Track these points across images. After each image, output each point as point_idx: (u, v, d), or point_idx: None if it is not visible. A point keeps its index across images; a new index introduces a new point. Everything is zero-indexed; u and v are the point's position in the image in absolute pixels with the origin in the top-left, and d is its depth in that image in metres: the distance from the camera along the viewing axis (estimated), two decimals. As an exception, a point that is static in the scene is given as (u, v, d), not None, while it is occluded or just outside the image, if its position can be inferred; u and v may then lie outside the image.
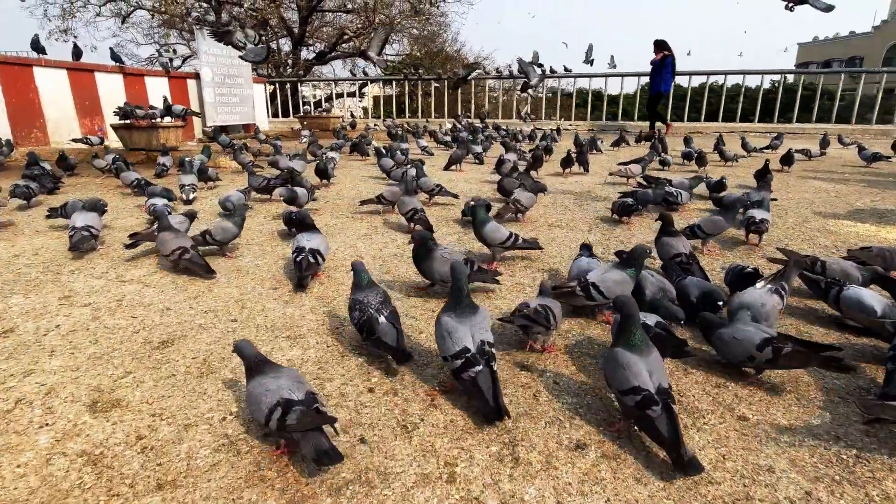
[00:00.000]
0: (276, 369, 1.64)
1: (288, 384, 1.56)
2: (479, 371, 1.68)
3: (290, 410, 1.47)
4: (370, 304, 2.06)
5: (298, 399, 1.51)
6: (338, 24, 24.26)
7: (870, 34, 31.19)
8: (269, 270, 3.09)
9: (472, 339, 1.74)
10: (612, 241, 3.70)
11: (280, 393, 1.52)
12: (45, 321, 2.42)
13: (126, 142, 7.92)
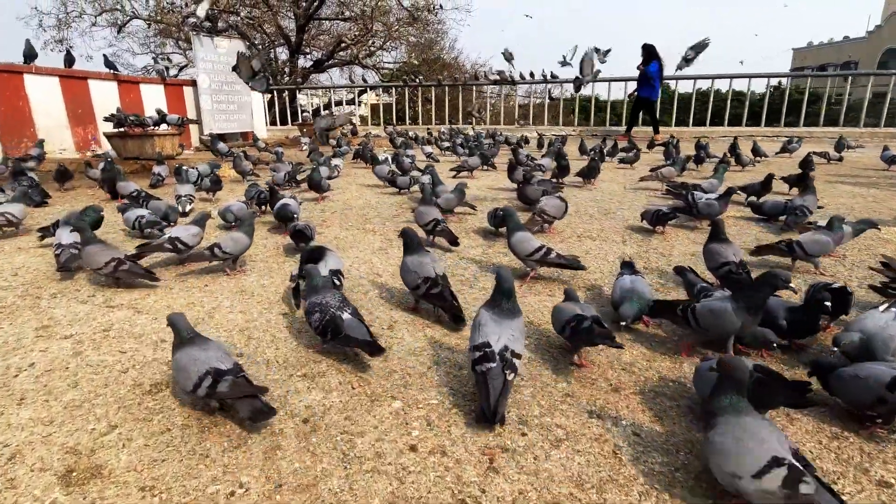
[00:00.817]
0: (205, 342, 1.73)
1: (216, 355, 1.67)
2: (491, 368, 1.64)
3: (221, 379, 1.60)
4: (330, 304, 2.01)
5: (227, 368, 1.63)
6: (335, 32, 23.98)
7: (864, 39, 31.28)
8: (276, 292, 2.73)
9: (497, 339, 1.72)
10: (651, 253, 3.36)
11: (209, 363, 1.62)
12: (17, 358, 2.04)
13: (120, 150, 7.55)
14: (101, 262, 2.71)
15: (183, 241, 3.06)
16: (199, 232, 3.14)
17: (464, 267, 3.11)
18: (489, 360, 1.66)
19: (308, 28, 22.67)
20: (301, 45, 22.95)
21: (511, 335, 1.74)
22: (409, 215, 4.42)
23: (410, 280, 2.41)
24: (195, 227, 3.15)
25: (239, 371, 1.66)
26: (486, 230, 3.91)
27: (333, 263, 2.64)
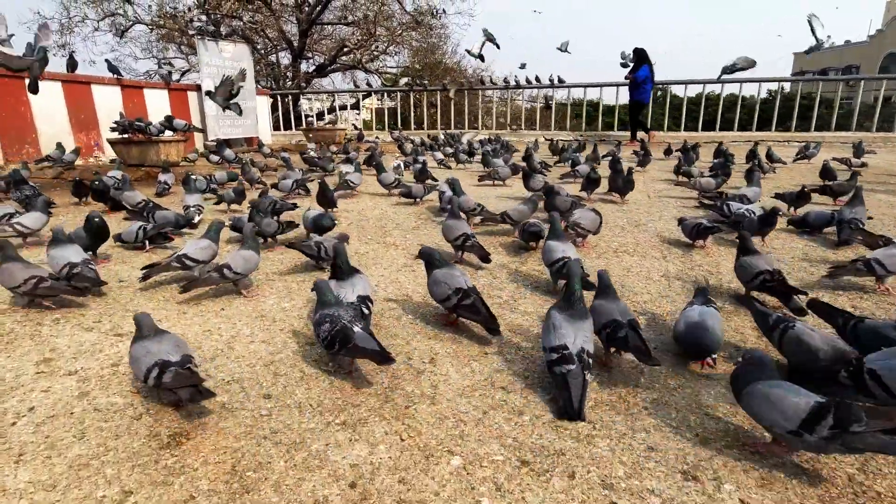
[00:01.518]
0: (161, 334, 1.82)
1: (168, 348, 1.76)
2: (571, 370, 1.71)
3: (166, 370, 1.69)
4: (342, 316, 1.92)
5: (175, 361, 1.72)
6: (338, 36, 23.80)
7: (865, 43, 31.13)
8: (300, 317, 2.48)
9: (573, 340, 1.77)
10: (696, 270, 3.12)
11: (159, 355, 1.72)
12: (15, 400, 1.79)
13: (124, 157, 7.31)
14: (18, 280, 2.48)
15: (191, 258, 2.82)
16: (209, 245, 2.89)
17: (499, 287, 2.86)
18: (568, 362, 1.73)
19: (311, 32, 22.48)
20: (304, 50, 22.76)
21: (585, 336, 1.81)
22: (431, 227, 4.19)
23: (440, 292, 2.28)
24: (206, 240, 2.91)
25: (187, 362, 1.73)
26: (515, 244, 3.67)
27: (362, 288, 2.37)
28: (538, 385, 1.88)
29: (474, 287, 2.32)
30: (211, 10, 19.36)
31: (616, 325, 1.94)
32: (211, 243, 2.89)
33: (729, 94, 16.22)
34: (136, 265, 3.24)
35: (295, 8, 21.52)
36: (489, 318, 2.19)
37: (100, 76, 8.83)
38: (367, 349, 1.83)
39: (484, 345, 2.19)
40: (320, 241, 3.05)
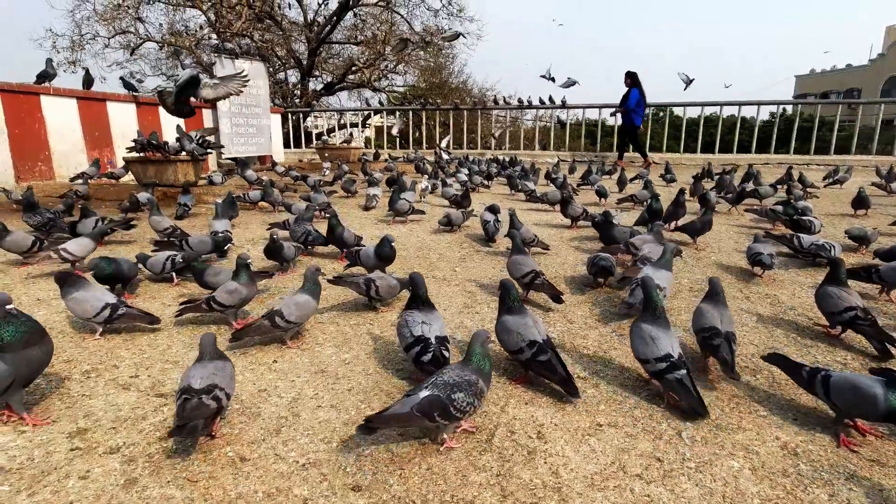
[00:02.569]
0: (211, 361, 1.74)
1: (204, 373, 1.68)
2: (684, 374, 1.83)
3: (189, 399, 1.60)
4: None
5: (197, 388, 1.62)
6: (346, 55, 23.78)
7: (866, 66, 31.27)
8: (365, 372, 2.15)
9: (672, 347, 1.90)
10: (770, 307, 2.80)
11: (188, 380, 1.66)
12: (48, 491, 1.44)
13: (139, 176, 7.00)
14: (96, 309, 2.36)
15: (219, 302, 2.50)
16: (236, 289, 2.54)
17: (581, 335, 2.53)
18: (679, 368, 1.85)
19: (319, 51, 22.43)
20: (312, 68, 22.69)
21: (676, 341, 1.96)
22: (479, 258, 3.87)
23: (511, 343, 2.06)
24: (233, 283, 2.55)
25: (209, 391, 1.64)
26: (579, 279, 3.35)
27: (438, 328, 2.13)
28: (679, 471, 1.54)
29: (549, 339, 2.06)
30: (222, 29, 19.33)
31: (714, 332, 2.09)
32: (239, 286, 2.55)
33: (729, 115, 16.07)
34: (167, 302, 2.91)
35: (304, 27, 21.50)
36: (566, 380, 1.93)
37: (115, 93, 8.57)
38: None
39: (592, 413, 1.85)
40: (371, 278, 2.73)
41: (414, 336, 2.08)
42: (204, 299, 2.51)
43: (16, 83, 7.04)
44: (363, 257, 3.16)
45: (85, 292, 2.36)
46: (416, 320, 2.13)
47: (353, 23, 21.19)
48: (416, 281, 2.24)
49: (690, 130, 13.93)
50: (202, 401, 1.60)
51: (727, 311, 2.20)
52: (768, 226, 4.86)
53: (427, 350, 2.03)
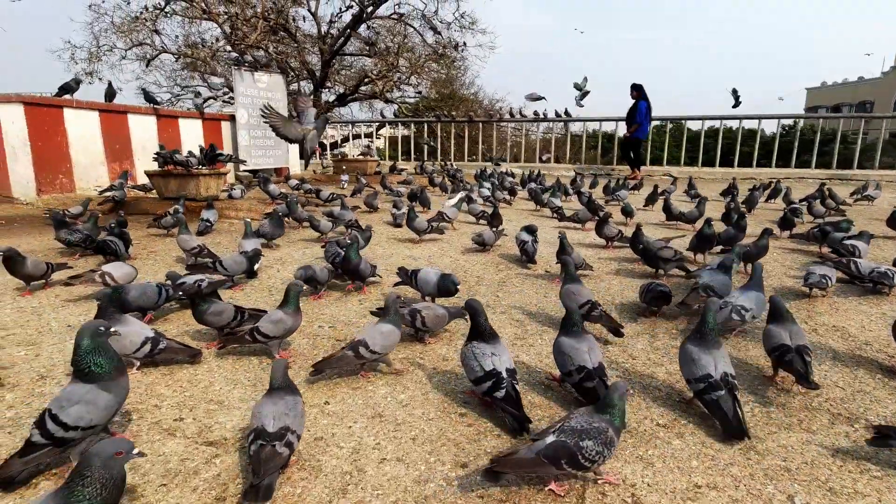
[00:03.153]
0: (282, 392, 1.65)
1: (275, 410, 1.60)
2: (721, 395, 1.86)
3: (257, 442, 1.53)
4: None
5: (270, 431, 1.54)
6: (359, 67, 23.86)
7: (879, 79, 30.98)
8: (426, 417, 1.97)
9: (714, 368, 1.92)
10: (842, 341, 2.60)
11: (261, 419, 1.57)
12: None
13: (161, 190, 6.90)
14: (136, 345, 2.24)
15: (263, 333, 2.34)
16: (281, 319, 2.37)
17: (648, 373, 2.35)
18: (717, 389, 1.87)
19: (332, 63, 22.49)
20: (325, 80, 22.74)
21: (724, 361, 1.95)
22: (520, 282, 3.70)
23: (562, 364, 2.09)
24: (279, 312, 2.39)
25: (282, 436, 1.55)
26: (630, 307, 3.17)
27: (507, 360, 2.00)
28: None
29: (602, 366, 2.04)
30: (238, 42, 19.43)
31: (784, 349, 2.13)
32: (284, 316, 2.39)
33: (728, 128, 15.80)
34: (204, 331, 2.76)
35: (318, 39, 21.58)
36: None
37: (136, 105, 8.52)
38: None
39: (685, 470, 1.67)
40: (417, 308, 2.56)
41: (485, 370, 1.94)
42: (247, 330, 2.36)
43: (39, 96, 7.00)
44: (421, 282, 2.98)
45: (124, 326, 2.21)
46: (485, 352, 1.99)
47: (368, 35, 21.24)
48: (475, 309, 2.08)
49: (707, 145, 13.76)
50: (275, 449, 1.50)
51: (795, 326, 2.23)
52: (810, 247, 4.67)
53: (499, 386, 1.91)
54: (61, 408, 1.57)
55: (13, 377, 2.23)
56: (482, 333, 2.05)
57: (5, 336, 2.65)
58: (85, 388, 1.62)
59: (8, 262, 3.18)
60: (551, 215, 6.41)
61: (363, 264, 3.32)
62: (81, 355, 1.65)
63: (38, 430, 1.54)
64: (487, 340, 2.04)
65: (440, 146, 15.12)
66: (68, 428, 1.55)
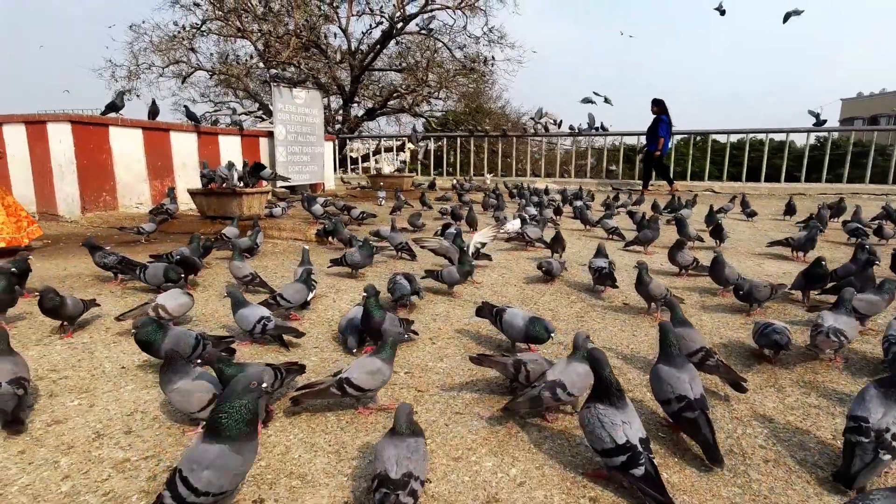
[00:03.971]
0: (406, 438, 1.55)
1: (399, 453, 1.52)
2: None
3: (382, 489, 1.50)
4: None
5: (394, 478, 1.45)
6: (388, 81, 23.90)
7: (918, 90, 29.73)
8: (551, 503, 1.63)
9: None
10: None
11: (385, 463, 1.49)
12: None
13: (202, 209, 6.76)
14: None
15: (355, 385, 2.02)
16: (379, 369, 2.07)
17: (798, 442, 1.96)
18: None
19: (361, 78, 22.56)
20: (354, 95, 22.81)
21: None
22: (598, 315, 3.33)
23: (660, 392, 1.95)
24: (377, 360, 2.09)
25: (404, 485, 1.44)
26: (734, 349, 2.78)
27: (639, 428, 1.69)
28: None
29: (704, 398, 1.89)
30: (271, 58, 19.63)
31: None
32: (384, 366, 2.08)
33: (758, 140, 15.13)
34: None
35: (348, 55, 21.69)
36: (711, 447, 1.78)
37: (178, 123, 8.48)
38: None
39: None
40: (522, 360, 2.22)
41: (616, 443, 1.61)
42: (334, 382, 2.04)
43: (86, 115, 6.95)
44: (506, 325, 2.63)
45: (191, 381, 1.93)
46: (614, 420, 1.66)
47: (399, 50, 21.26)
48: (599, 361, 1.74)
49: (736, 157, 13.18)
50: (399, 499, 1.40)
51: None
52: None
53: (636, 462, 1.59)
54: (192, 470, 1.38)
55: (67, 435, 1.97)
56: (608, 393, 1.72)
57: (57, 380, 2.40)
58: (216, 448, 1.41)
59: (45, 303, 2.81)
60: (606, 236, 6.03)
61: (388, 321, 2.59)
62: (226, 412, 1.44)
63: (169, 494, 1.38)
64: (615, 402, 1.70)
65: (472, 160, 14.83)
66: (199, 494, 1.37)
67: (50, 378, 2.42)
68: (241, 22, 18.98)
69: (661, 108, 10.53)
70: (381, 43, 21.23)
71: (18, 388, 1.99)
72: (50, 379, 2.41)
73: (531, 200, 7.78)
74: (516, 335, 2.60)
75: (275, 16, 19.33)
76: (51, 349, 2.76)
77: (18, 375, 2.02)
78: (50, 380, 2.40)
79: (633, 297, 3.63)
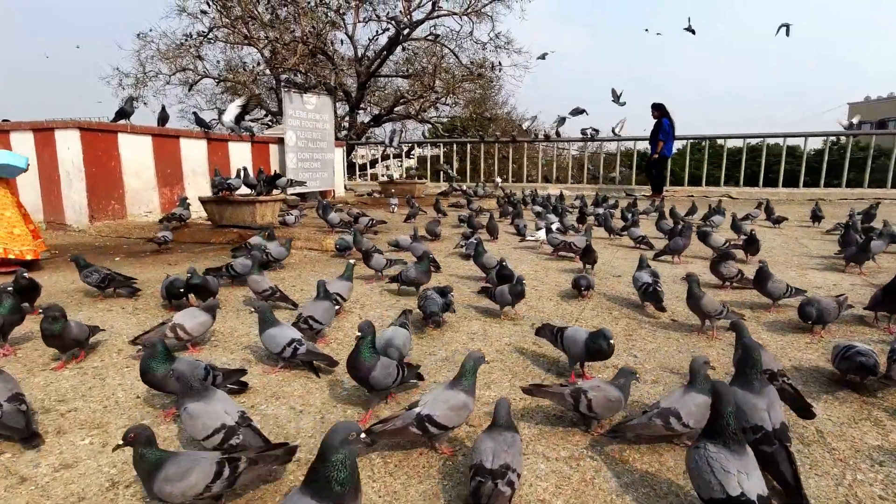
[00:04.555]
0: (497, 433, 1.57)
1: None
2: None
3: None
4: None
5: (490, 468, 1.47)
6: (394, 88, 23.75)
7: (926, 94, 29.43)
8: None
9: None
10: None
11: (480, 456, 1.51)
12: None
13: (214, 218, 6.52)
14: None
15: (437, 422, 1.76)
16: (465, 405, 1.81)
17: (882, 481, 1.68)
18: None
19: (368, 85, 22.39)
20: (360, 101, 22.64)
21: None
22: (648, 333, 3.06)
23: None
24: (460, 393, 1.81)
25: None
26: (807, 373, 2.50)
27: (758, 480, 1.41)
28: None
29: (785, 427, 1.66)
30: (277, 65, 19.48)
31: None
32: (469, 399, 1.82)
33: (774, 145, 14.89)
34: (313, 403, 2.19)
35: (355, 61, 21.55)
36: (791, 487, 1.55)
37: (188, 129, 8.27)
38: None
39: None
40: (582, 389, 1.94)
41: (728, 494, 1.36)
42: (413, 419, 1.76)
43: (96, 122, 6.74)
44: (568, 341, 2.37)
45: (205, 405, 1.69)
46: (727, 467, 1.40)
47: (407, 56, 21.11)
48: (721, 395, 1.48)
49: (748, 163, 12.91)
50: (497, 487, 1.41)
51: None
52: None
53: None
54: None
55: (77, 483, 1.71)
56: (724, 433, 1.45)
57: (66, 413, 2.14)
58: None
59: (43, 328, 2.48)
60: (633, 245, 5.76)
61: (380, 368, 2.03)
62: (328, 466, 1.29)
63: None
64: (730, 446, 1.43)
65: (482, 166, 14.60)
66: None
67: (57, 410, 2.16)
68: (248, 29, 18.86)
69: (662, 112, 10.33)
70: (387, 49, 21.08)
71: (20, 403, 1.93)
72: (57, 412, 2.15)
73: (548, 208, 7.51)
74: (578, 351, 2.35)
75: (281, 23, 19.21)
76: (59, 375, 2.50)
77: (14, 392, 1.95)
78: (58, 412, 2.14)
79: (681, 312, 3.36)
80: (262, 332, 2.45)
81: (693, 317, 3.15)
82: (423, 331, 3.08)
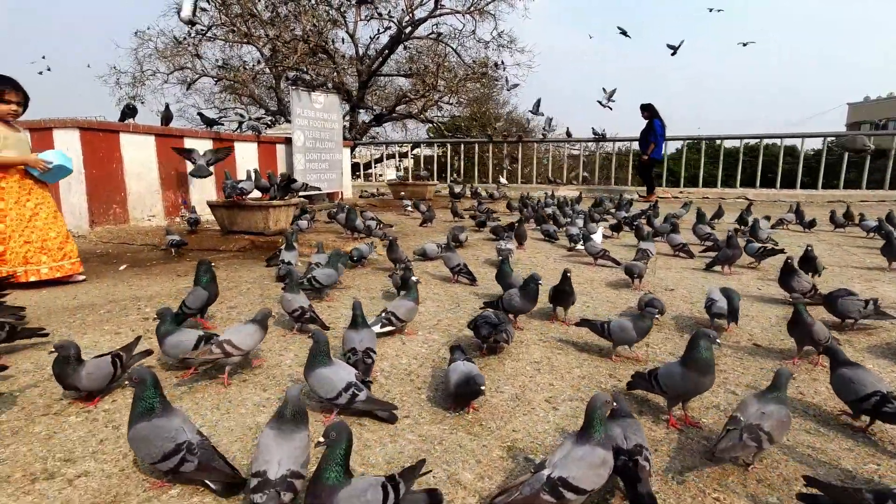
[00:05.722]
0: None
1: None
2: None
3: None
4: None
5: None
6: (395, 87, 23.33)
7: (925, 94, 29.28)
8: None
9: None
10: None
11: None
12: None
13: (224, 223, 6.10)
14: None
15: (576, 486, 1.36)
16: (605, 460, 1.43)
17: None
18: None
19: (369, 84, 21.92)
20: (361, 101, 22.17)
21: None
22: (728, 358, 2.67)
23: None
24: (595, 446, 1.42)
25: None
26: None
27: None
28: None
29: None
30: (277, 64, 19.00)
31: None
32: (608, 455, 1.44)
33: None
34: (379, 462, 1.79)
35: (356, 60, 21.11)
36: None
37: (194, 129, 7.82)
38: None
39: None
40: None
41: None
42: (543, 485, 1.33)
43: (96, 121, 6.30)
44: (667, 382, 1.99)
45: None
46: None
47: (410, 54, 20.70)
48: None
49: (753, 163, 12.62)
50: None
51: None
52: None
53: None
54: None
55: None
56: None
57: (74, 479, 1.72)
58: None
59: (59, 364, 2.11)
60: (673, 253, 5.39)
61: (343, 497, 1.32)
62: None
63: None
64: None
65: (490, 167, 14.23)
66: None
67: (63, 476, 1.74)
68: (248, 27, 18.35)
69: (652, 112, 10.04)
70: (389, 48, 20.66)
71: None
72: (64, 477, 1.73)
73: (570, 214, 7.12)
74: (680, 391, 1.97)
75: (282, 21, 18.74)
76: (63, 422, 2.08)
77: None
78: (64, 478, 1.73)
79: (762, 337, 2.99)
80: (311, 372, 2.02)
81: (775, 342, 2.78)
82: (473, 361, 2.68)
